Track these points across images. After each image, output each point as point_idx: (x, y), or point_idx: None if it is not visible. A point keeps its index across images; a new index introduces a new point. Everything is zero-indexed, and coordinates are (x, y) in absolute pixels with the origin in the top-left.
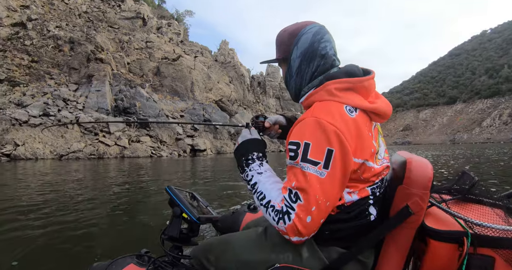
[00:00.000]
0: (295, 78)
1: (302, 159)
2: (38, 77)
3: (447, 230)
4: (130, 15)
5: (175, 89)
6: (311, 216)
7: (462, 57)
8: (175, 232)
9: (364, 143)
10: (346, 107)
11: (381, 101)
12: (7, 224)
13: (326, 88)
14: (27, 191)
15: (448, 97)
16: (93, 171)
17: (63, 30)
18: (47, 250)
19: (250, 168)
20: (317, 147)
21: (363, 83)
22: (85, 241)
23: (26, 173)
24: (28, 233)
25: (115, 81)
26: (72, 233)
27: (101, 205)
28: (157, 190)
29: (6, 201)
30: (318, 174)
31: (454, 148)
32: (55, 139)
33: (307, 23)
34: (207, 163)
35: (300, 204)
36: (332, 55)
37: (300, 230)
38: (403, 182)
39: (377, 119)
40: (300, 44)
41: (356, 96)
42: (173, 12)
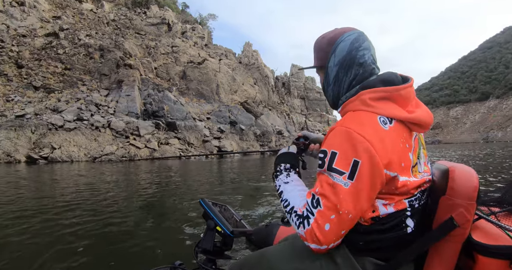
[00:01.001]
0: (333, 87)
1: (328, 168)
2: (71, 84)
3: (497, 244)
4: (156, 21)
5: (201, 92)
6: (329, 224)
7: (495, 50)
8: (209, 245)
9: (397, 156)
10: (380, 118)
11: (421, 110)
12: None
13: (360, 98)
14: (60, 193)
15: (480, 93)
16: (126, 174)
17: (93, 38)
18: (76, 259)
19: (277, 179)
20: (343, 157)
21: (399, 92)
22: (117, 251)
23: (63, 174)
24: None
25: (144, 86)
26: (101, 242)
27: (134, 212)
28: (191, 197)
29: (44, 200)
30: (342, 184)
31: (487, 146)
32: (88, 142)
33: (345, 30)
34: (234, 165)
35: (320, 210)
36: (371, 63)
37: (317, 237)
38: (446, 192)
39: (417, 129)
40: (337, 52)
41: (392, 105)
42: (196, 16)
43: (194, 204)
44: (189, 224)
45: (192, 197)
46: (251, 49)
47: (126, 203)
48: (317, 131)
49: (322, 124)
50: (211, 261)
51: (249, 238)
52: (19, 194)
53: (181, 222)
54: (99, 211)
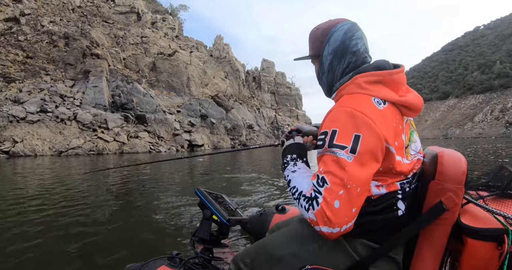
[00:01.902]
0: (327, 75)
1: (329, 145)
2: (34, 73)
3: (485, 227)
4: (124, 9)
5: (171, 84)
6: (339, 200)
7: (455, 52)
8: (205, 234)
9: (392, 134)
10: (375, 99)
11: (412, 94)
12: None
13: (355, 82)
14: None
15: (441, 93)
16: (100, 168)
17: (57, 25)
18: (76, 250)
19: (286, 170)
20: (344, 133)
21: (392, 76)
22: (114, 243)
23: (25, 169)
24: (59, 234)
25: (112, 77)
26: (100, 235)
27: (121, 207)
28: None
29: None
30: (345, 158)
31: (448, 142)
32: (53, 135)
33: (339, 20)
34: (205, 158)
35: (326, 187)
36: (363, 51)
37: (328, 216)
38: (435, 177)
39: (408, 113)
40: (331, 41)
41: (385, 89)
42: (167, 7)
43: (185, 194)
44: (183, 214)
45: (179, 189)
46: (223, 42)
47: (109, 200)
48: (286, 125)
49: (291, 119)
50: (208, 249)
51: (244, 226)
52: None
53: (173, 213)
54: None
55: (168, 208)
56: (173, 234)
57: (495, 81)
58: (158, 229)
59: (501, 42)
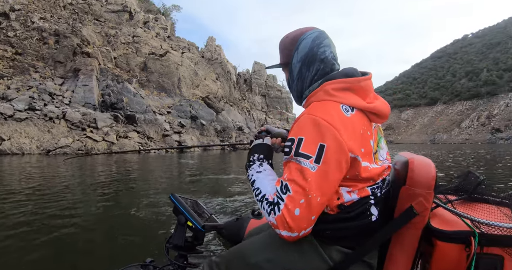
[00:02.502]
0: (297, 82)
1: (295, 153)
2: (23, 70)
3: (454, 230)
4: (116, 8)
5: (162, 85)
6: (299, 208)
7: (444, 60)
8: (180, 240)
9: (359, 141)
10: (343, 106)
11: (379, 101)
12: None
13: (324, 89)
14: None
15: (429, 99)
16: (85, 168)
17: (48, 22)
18: (47, 260)
19: (250, 168)
20: (309, 142)
21: (360, 83)
22: (87, 250)
23: (13, 168)
24: (23, 241)
25: (102, 76)
26: (71, 242)
27: (98, 210)
28: (157, 192)
29: None
30: (309, 168)
31: (434, 147)
32: (41, 133)
33: (307, 29)
34: (194, 159)
35: (289, 195)
36: (331, 59)
37: (288, 223)
38: (406, 182)
39: (376, 120)
40: (300, 49)
41: (353, 96)
42: (160, 7)
43: (162, 199)
44: (159, 220)
45: (158, 192)
46: (215, 44)
47: (88, 201)
48: (276, 128)
49: (281, 122)
50: (182, 256)
51: (220, 232)
52: None
53: (149, 218)
54: (60, 214)
55: (145, 212)
56: (147, 240)
57: (482, 88)
58: (132, 234)
59: (488, 51)
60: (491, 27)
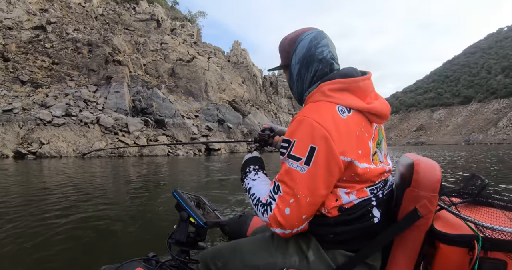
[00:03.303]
0: (297, 84)
1: (288, 155)
2: (59, 79)
3: (457, 233)
4: (145, 17)
5: (190, 90)
6: (289, 208)
7: (478, 55)
8: (182, 236)
9: (355, 143)
10: (338, 107)
11: (378, 101)
12: None
13: (320, 90)
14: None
15: (463, 97)
16: (111, 169)
17: (81, 33)
18: (51, 252)
19: (246, 178)
20: (300, 144)
21: (358, 83)
22: (91, 244)
23: (49, 170)
24: (34, 233)
25: (133, 82)
26: (77, 235)
27: (111, 206)
28: (168, 190)
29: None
30: (299, 169)
31: (467, 148)
32: (77, 138)
33: (305, 30)
34: (222, 161)
35: (280, 195)
36: (330, 59)
37: (279, 221)
38: (411, 184)
39: (376, 120)
40: (298, 50)
41: (350, 96)
42: (186, 13)
43: (169, 196)
44: (161, 215)
45: (169, 190)
46: (240, 48)
47: (101, 198)
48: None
49: None
50: (184, 252)
51: (222, 228)
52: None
53: (154, 214)
54: (70, 210)
55: (148, 208)
56: (150, 235)
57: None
58: (135, 229)
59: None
60: None
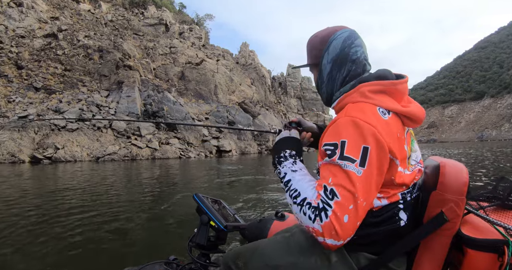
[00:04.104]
0: (327, 84)
1: (340, 157)
2: (72, 85)
3: (486, 238)
4: (153, 22)
5: (200, 92)
6: (348, 215)
7: (489, 50)
8: (202, 239)
9: (397, 145)
10: (379, 109)
11: (414, 105)
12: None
13: (359, 91)
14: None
15: (475, 93)
16: (126, 172)
17: (92, 39)
18: (74, 254)
19: (282, 165)
20: (353, 145)
21: (396, 86)
22: (113, 247)
23: (64, 175)
24: (56, 235)
25: (144, 86)
26: (99, 238)
27: (130, 208)
28: (186, 194)
29: None
30: (355, 172)
31: (480, 145)
32: (91, 142)
33: (337, 28)
34: (233, 163)
35: (337, 201)
36: (363, 59)
37: (336, 230)
38: (437, 187)
39: (410, 124)
40: (331, 49)
41: (388, 99)
42: (193, 17)
43: (188, 199)
44: (182, 219)
45: (186, 193)
46: (248, 49)
47: (122, 203)
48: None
49: (319, 124)
50: (204, 255)
51: (242, 232)
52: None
53: (175, 217)
54: (92, 213)
55: (169, 211)
56: (171, 238)
57: None
58: (157, 232)
59: None
60: None
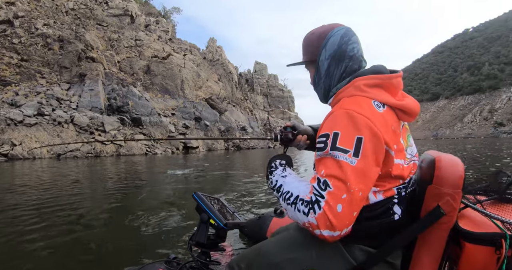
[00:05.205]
0: (324, 80)
1: (332, 148)
2: (29, 76)
3: (483, 232)
4: (118, 12)
5: (166, 87)
6: (342, 204)
7: (445, 54)
8: (202, 238)
9: (393, 137)
10: (374, 102)
11: (409, 99)
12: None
13: (354, 84)
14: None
15: (431, 94)
16: (103, 170)
17: (52, 28)
18: (75, 255)
19: (273, 174)
20: (346, 135)
21: (391, 80)
22: (113, 246)
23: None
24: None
25: (108, 80)
26: (98, 238)
27: (126, 207)
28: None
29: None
30: (348, 162)
31: (437, 143)
32: (51, 138)
33: (334, 26)
34: (200, 159)
35: (329, 191)
36: (359, 56)
37: (331, 220)
38: (433, 181)
39: (405, 118)
40: (328, 46)
41: (384, 93)
42: (160, 9)
43: (186, 197)
44: (182, 217)
45: (182, 190)
46: (215, 45)
47: (108, 200)
48: (278, 127)
49: (284, 121)
50: (205, 253)
51: (242, 230)
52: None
53: (173, 216)
54: (88, 211)
55: (169, 210)
56: (171, 238)
57: (483, 82)
58: (155, 232)
59: (490, 44)
60: (492, 21)
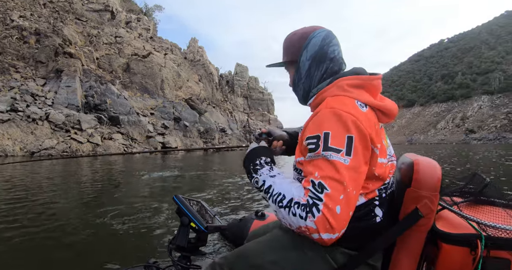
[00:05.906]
0: (304, 81)
1: (324, 148)
2: (3, 70)
3: (460, 233)
4: (98, 7)
5: (145, 86)
6: (340, 205)
7: (421, 63)
8: (183, 241)
9: (376, 135)
10: (357, 102)
11: (388, 101)
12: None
13: (338, 84)
14: None
15: (407, 101)
16: (77, 171)
17: (28, 20)
18: (44, 262)
19: (259, 173)
20: (337, 135)
21: (372, 82)
22: (90, 251)
23: None
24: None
25: (85, 77)
26: (73, 242)
27: (100, 210)
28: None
29: None
30: (342, 161)
31: (413, 148)
32: (24, 135)
33: (315, 28)
34: (178, 159)
35: (327, 193)
36: (340, 58)
37: (331, 223)
38: (411, 184)
39: (384, 119)
40: (310, 47)
41: (365, 93)
42: (142, 6)
43: (165, 199)
44: (162, 221)
45: (161, 193)
46: (197, 45)
47: (86, 202)
48: (258, 129)
49: (263, 123)
50: (185, 257)
51: (223, 233)
52: None
53: (152, 219)
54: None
55: (148, 213)
56: (150, 241)
57: (456, 91)
58: (134, 236)
59: (463, 55)
60: (466, 33)
